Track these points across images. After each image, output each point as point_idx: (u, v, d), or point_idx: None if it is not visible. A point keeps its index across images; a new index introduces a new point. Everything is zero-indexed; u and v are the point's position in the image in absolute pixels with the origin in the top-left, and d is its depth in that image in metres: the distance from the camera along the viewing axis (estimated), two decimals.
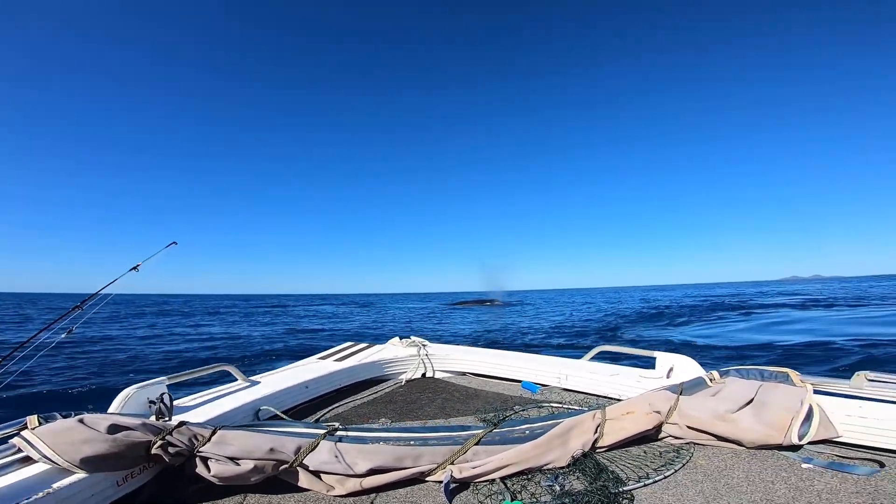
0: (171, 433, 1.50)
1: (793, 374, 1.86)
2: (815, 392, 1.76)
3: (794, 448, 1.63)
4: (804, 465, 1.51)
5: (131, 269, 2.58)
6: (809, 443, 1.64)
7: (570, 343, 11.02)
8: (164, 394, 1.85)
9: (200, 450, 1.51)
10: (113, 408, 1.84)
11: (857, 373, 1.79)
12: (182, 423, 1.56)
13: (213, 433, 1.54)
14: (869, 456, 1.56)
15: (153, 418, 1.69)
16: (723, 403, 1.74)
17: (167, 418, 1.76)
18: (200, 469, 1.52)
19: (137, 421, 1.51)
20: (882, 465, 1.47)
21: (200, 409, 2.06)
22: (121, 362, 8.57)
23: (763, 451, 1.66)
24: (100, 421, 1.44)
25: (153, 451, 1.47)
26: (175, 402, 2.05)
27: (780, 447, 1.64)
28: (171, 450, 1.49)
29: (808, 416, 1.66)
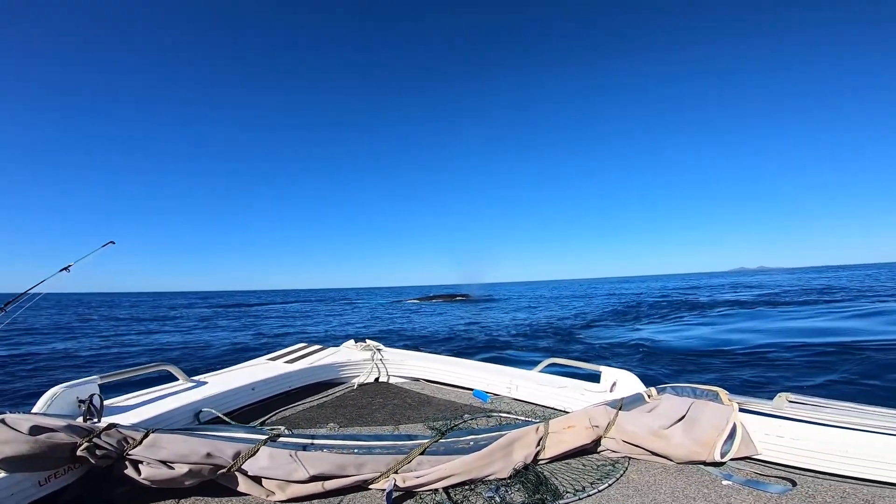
0: (98, 436, 1.43)
1: (722, 392, 1.97)
2: (741, 410, 1.87)
3: (718, 464, 1.74)
4: (724, 482, 1.60)
5: (62, 270, 2.43)
6: (731, 459, 1.75)
7: (545, 346, 11.08)
8: (93, 394, 1.75)
9: (130, 453, 1.45)
10: (38, 407, 1.73)
11: (779, 394, 1.92)
12: (112, 426, 1.49)
13: (146, 436, 1.48)
14: (783, 474, 1.67)
15: (80, 419, 1.60)
16: (657, 420, 1.83)
17: (96, 419, 1.68)
18: (130, 471, 1.46)
19: (62, 422, 1.43)
20: (794, 483, 1.58)
21: (136, 410, 1.96)
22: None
23: (690, 466, 1.75)
24: (22, 422, 1.37)
25: (78, 453, 1.41)
26: (109, 402, 1.96)
27: (704, 463, 1.74)
28: (98, 452, 1.43)
29: (732, 434, 1.77)
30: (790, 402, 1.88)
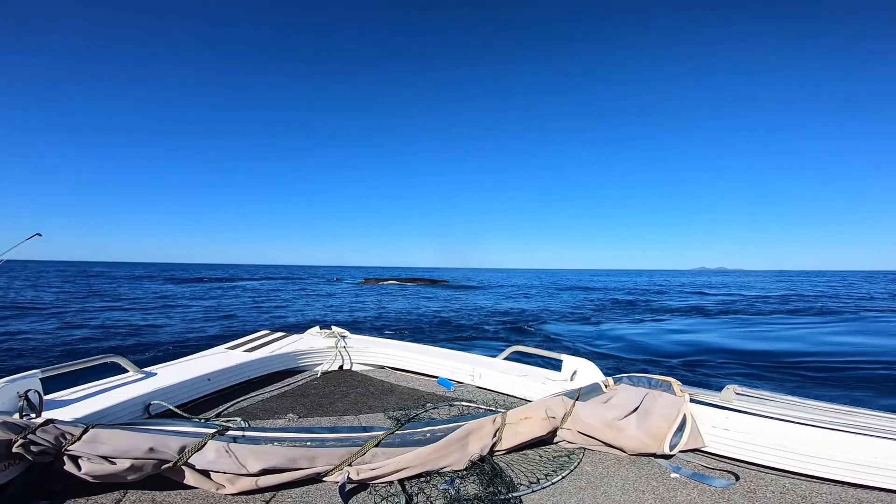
0: (33, 432, 1.36)
1: (675, 383, 2.02)
2: (691, 401, 1.92)
3: (668, 456, 1.78)
4: (672, 475, 1.65)
5: None
6: (680, 451, 1.80)
7: (515, 340, 11.04)
8: (30, 389, 1.66)
9: (69, 448, 1.39)
10: None
11: (727, 386, 1.98)
12: (49, 421, 1.42)
13: (85, 431, 1.41)
14: (728, 467, 1.72)
15: (17, 415, 1.52)
16: (612, 411, 1.87)
17: (34, 415, 1.60)
18: (69, 467, 1.41)
19: None
20: (737, 477, 1.62)
21: (80, 404, 1.87)
22: None
23: (642, 458, 1.79)
24: None
25: (14, 450, 1.34)
26: (52, 397, 1.85)
27: (655, 455, 1.79)
28: (33, 448, 1.36)
29: (682, 426, 1.82)
30: (737, 394, 1.95)
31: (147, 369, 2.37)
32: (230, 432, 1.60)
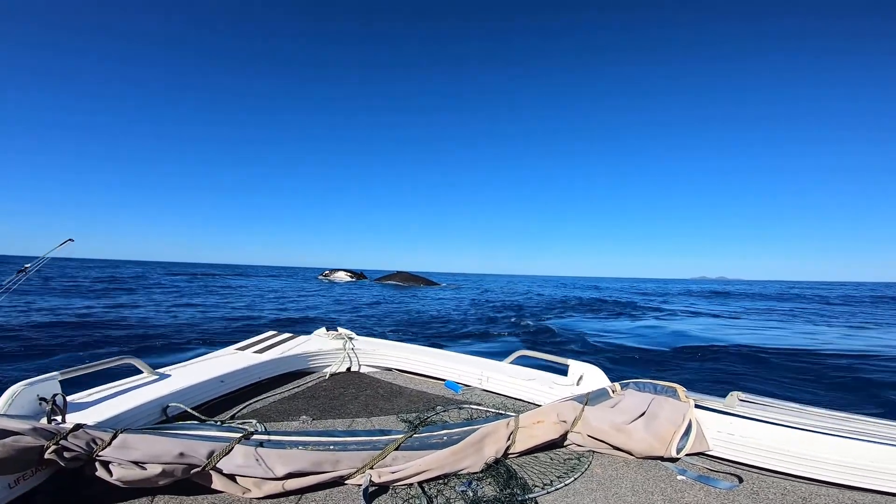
0: (65, 437, 1.39)
1: (680, 389, 2.10)
2: (696, 407, 2.00)
3: (674, 459, 1.86)
4: (679, 477, 1.72)
5: (19, 272, 2.33)
6: (686, 455, 1.87)
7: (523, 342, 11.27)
8: (56, 394, 1.68)
9: (100, 454, 1.43)
10: None
11: (731, 392, 2.06)
12: (78, 426, 1.45)
13: (114, 437, 1.45)
14: (732, 470, 1.80)
15: (44, 420, 1.54)
16: (620, 415, 1.94)
17: (60, 419, 1.62)
18: (101, 473, 1.44)
19: (27, 424, 1.38)
20: (741, 479, 1.70)
21: (100, 406, 1.89)
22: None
23: (649, 460, 1.87)
24: None
25: (46, 456, 1.37)
26: (72, 398, 1.87)
27: (662, 458, 1.86)
28: (66, 454, 1.40)
29: (688, 431, 1.90)
30: (741, 400, 2.03)
31: (160, 370, 2.37)
32: (255, 436, 1.65)
